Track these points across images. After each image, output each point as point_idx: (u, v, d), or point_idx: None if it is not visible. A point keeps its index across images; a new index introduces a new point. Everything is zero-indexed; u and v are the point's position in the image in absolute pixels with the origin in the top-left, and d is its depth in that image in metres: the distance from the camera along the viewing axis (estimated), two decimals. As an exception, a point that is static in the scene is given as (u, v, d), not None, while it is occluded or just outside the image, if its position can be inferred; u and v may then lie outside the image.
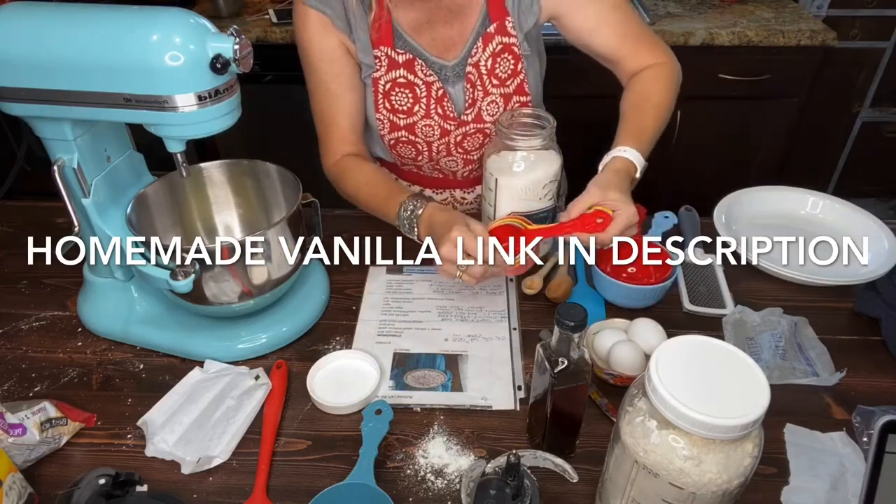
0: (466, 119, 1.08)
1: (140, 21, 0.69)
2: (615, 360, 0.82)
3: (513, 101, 1.07)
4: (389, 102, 1.06)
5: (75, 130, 0.79)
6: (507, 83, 1.06)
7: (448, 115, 1.07)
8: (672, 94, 1.07)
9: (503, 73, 1.05)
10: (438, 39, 1.04)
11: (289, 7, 2.11)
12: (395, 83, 1.05)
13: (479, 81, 1.05)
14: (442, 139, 1.09)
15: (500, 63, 1.04)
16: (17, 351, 0.91)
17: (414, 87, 1.05)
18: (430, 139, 1.09)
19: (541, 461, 0.73)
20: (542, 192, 0.96)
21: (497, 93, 1.06)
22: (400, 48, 1.03)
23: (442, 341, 0.92)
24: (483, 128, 1.08)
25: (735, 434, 0.52)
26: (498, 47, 1.03)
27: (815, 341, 0.89)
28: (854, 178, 2.62)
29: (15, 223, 1.17)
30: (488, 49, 1.03)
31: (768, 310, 0.92)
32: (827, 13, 2.24)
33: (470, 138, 1.10)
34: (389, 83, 1.05)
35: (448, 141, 1.10)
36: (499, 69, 1.05)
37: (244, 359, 0.89)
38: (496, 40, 1.03)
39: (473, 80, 1.05)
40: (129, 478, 0.67)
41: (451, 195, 1.21)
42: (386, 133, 1.09)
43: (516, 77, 1.06)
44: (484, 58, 1.04)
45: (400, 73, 1.04)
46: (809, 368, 0.84)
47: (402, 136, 1.09)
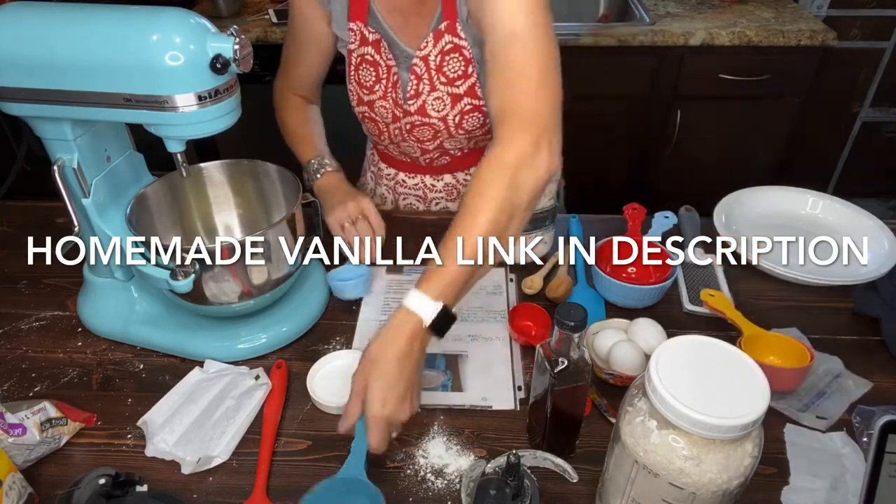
0: (409, 109, 1.08)
1: (140, 21, 0.69)
2: (615, 360, 0.82)
3: (462, 102, 1.05)
4: (358, 75, 1.09)
5: (75, 130, 0.79)
6: (455, 83, 1.04)
7: (398, 101, 1.09)
8: (519, 199, 0.75)
9: (451, 73, 1.03)
10: (408, 25, 1.04)
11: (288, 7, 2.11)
12: (363, 59, 1.07)
13: (427, 76, 1.04)
14: (394, 123, 1.11)
15: (448, 62, 1.02)
16: (17, 351, 0.91)
17: (377, 67, 1.07)
18: (386, 120, 1.12)
19: (541, 461, 0.73)
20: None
21: (444, 90, 1.05)
22: (372, 27, 1.04)
23: (442, 341, 0.92)
24: (429, 122, 1.09)
25: (735, 434, 0.52)
26: (447, 46, 1.01)
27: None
28: (854, 178, 2.62)
29: (15, 223, 1.17)
30: (438, 45, 1.01)
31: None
32: (827, 13, 2.24)
33: (418, 129, 1.11)
34: (359, 58, 1.08)
35: (400, 126, 1.12)
36: (447, 67, 1.03)
37: (244, 359, 0.89)
38: (445, 38, 1.01)
39: (419, 72, 1.04)
40: (129, 478, 0.67)
41: (421, 181, 1.23)
42: (355, 105, 1.13)
43: (467, 79, 1.03)
44: (434, 53, 1.02)
45: (368, 51, 1.06)
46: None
47: (364, 111, 1.13)
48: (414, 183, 1.23)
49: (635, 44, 1.97)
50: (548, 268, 1.03)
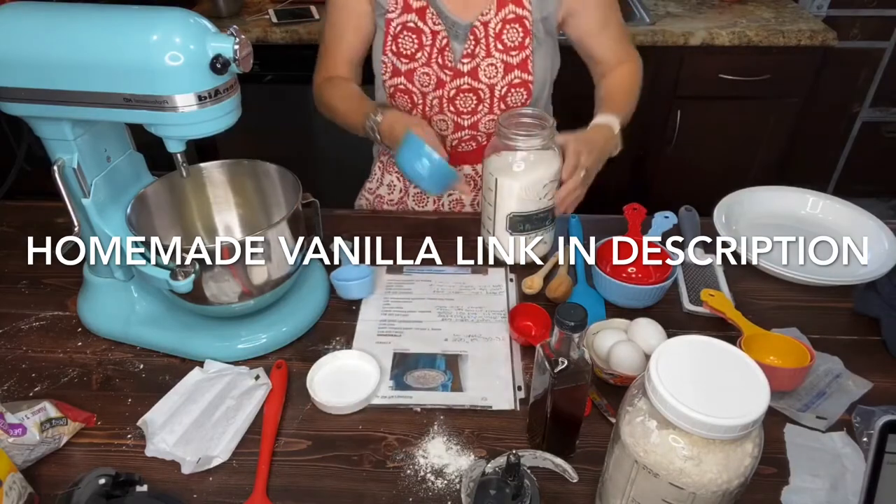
0: (462, 69, 1.10)
1: (140, 21, 0.69)
2: (615, 360, 0.82)
3: (512, 74, 1.10)
4: (396, 45, 1.11)
5: (75, 130, 0.79)
6: (511, 52, 1.09)
7: (447, 64, 1.10)
8: (639, 85, 1.20)
9: (509, 42, 1.09)
10: None
11: (289, 7, 2.12)
12: (404, 26, 1.09)
13: (484, 40, 1.09)
14: (436, 91, 1.12)
15: (508, 30, 1.08)
16: (17, 351, 0.91)
17: (421, 34, 1.09)
18: (426, 89, 1.13)
19: (541, 461, 0.73)
20: (541, 192, 0.96)
21: (499, 58, 1.10)
22: None
23: (442, 341, 0.92)
24: (477, 87, 1.11)
25: (735, 434, 0.52)
26: (510, 15, 1.07)
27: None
28: (854, 178, 2.62)
29: (15, 223, 1.17)
30: (501, 14, 1.07)
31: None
32: (827, 13, 2.24)
33: (463, 95, 1.12)
34: (399, 26, 1.10)
35: (442, 94, 1.13)
36: (506, 36, 1.08)
37: (244, 359, 0.89)
38: (509, 8, 1.07)
39: (478, 35, 1.09)
40: (129, 478, 0.67)
41: None
42: (387, 78, 1.14)
43: (522, 51, 1.09)
44: (494, 21, 1.08)
45: (410, 18, 1.09)
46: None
47: (400, 83, 1.13)
48: None
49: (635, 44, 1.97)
50: (548, 268, 1.03)
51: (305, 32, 1.99)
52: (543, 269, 1.02)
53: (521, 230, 1.00)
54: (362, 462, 0.76)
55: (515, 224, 0.99)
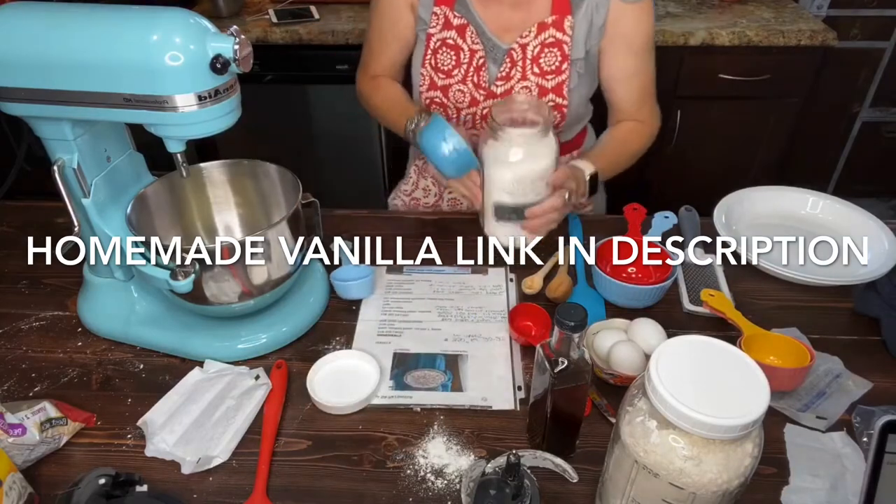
0: (496, 91, 1.10)
1: (140, 21, 0.69)
2: (615, 360, 0.82)
3: (549, 97, 1.09)
4: (435, 59, 1.11)
5: (75, 130, 0.79)
6: (547, 76, 1.08)
7: (481, 83, 1.10)
8: (642, 151, 1.21)
9: (546, 66, 1.08)
10: (501, 19, 1.08)
11: (289, 7, 2.12)
12: (444, 42, 1.10)
13: (521, 62, 1.08)
14: (470, 108, 1.13)
15: (546, 55, 1.07)
16: (17, 351, 0.91)
17: (459, 51, 1.09)
18: (461, 105, 1.13)
19: (541, 461, 0.73)
20: (530, 187, 0.95)
21: (535, 81, 1.09)
22: (458, 12, 1.08)
23: (442, 341, 0.92)
24: None
25: (735, 434, 0.52)
26: (549, 39, 1.06)
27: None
28: (854, 178, 2.62)
29: (15, 223, 1.17)
30: (540, 37, 1.06)
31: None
32: (827, 13, 2.24)
33: None
34: (439, 42, 1.10)
35: (475, 112, 1.13)
36: (543, 60, 1.07)
37: (244, 359, 0.89)
38: (549, 32, 1.06)
39: (515, 57, 1.08)
40: (129, 478, 0.67)
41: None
42: (424, 90, 1.15)
43: (559, 75, 1.08)
44: (533, 44, 1.07)
45: (450, 35, 1.09)
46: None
47: (436, 96, 1.14)
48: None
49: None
50: (548, 268, 1.03)
51: (305, 32, 1.99)
52: (543, 269, 1.02)
53: (507, 220, 0.99)
54: (362, 462, 0.76)
55: (502, 214, 0.99)
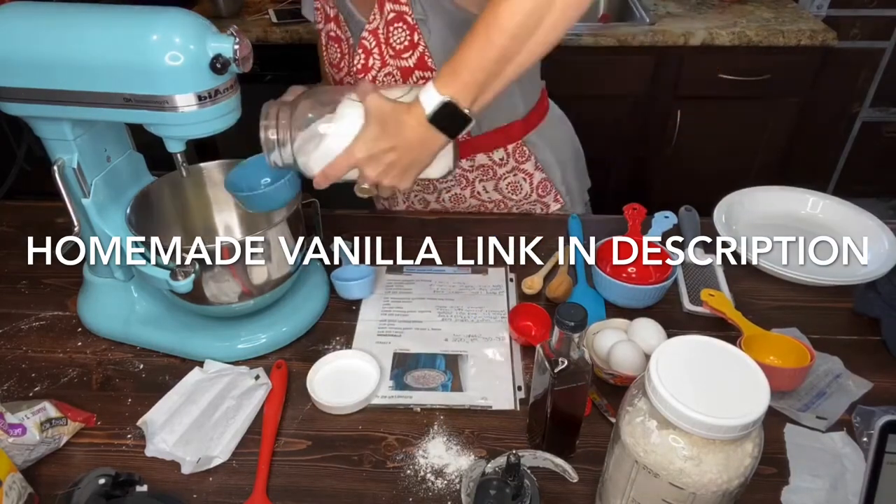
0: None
1: (140, 21, 0.69)
2: (615, 360, 0.82)
3: (413, 76, 0.97)
4: (328, 55, 1.07)
5: (75, 130, 0.79)
6: (403, 55, 0.96)
7: (353, 73, 1.03)
8: (531, 16, 0.69)
9: (398, 45, 0.95)
10: None
11: (289, 7, 2.11)
12: (329, 37, 1.04)
13: (377, 50, 0.97)
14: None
15: (394, 33, 0.95)
16: (17, 351, 0.91)
17: (341, 43, 1.03)
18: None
19: (541, 461, 0.73)
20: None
21: (394, 64, 0.97)
22: (331, 2, 1.01)
23: (442, 341, 0.92)
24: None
25: (735, 434, 0.52)
26: (390, 15, 0.94)
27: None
28: (854, 178, 2.62)
29: (15, 223, 1.17)
30: (383, 15, 0.94)
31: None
32: (827, 13, 2.24)
33: None
34: (326, 36, 1.05)
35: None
36: (393, 39, 0.95)
37: (244, 359, 0.89)
38: (388, 7, 0.93)
39: (368, 47, 0.97)
40: (129, 478, 0.66)
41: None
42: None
43: (414, 50, 0.95)
44: (381, 26, 0.95)
45: (331, 27, 1.03)
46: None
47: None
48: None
49: (635, 44, 1.97)
50: (548, 268, 1.03)
51: (305, 32, 1.99)
52: (543, 269, 1.02)
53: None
54: (362, 462, 0.76)
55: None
